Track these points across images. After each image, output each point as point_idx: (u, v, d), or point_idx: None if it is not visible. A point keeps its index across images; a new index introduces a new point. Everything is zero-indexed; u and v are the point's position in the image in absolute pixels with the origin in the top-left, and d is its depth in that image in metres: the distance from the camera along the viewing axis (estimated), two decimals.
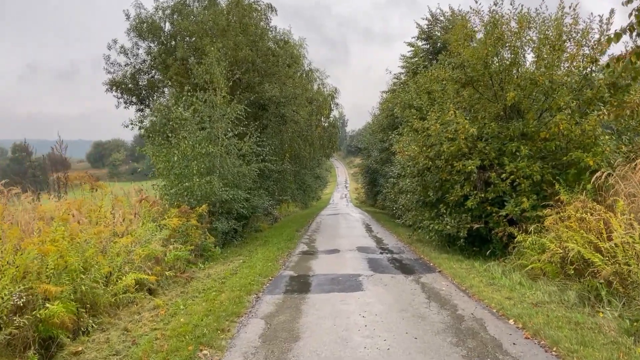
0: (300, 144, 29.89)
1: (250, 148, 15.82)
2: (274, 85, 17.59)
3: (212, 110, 14.68)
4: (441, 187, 12.29)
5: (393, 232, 18.33)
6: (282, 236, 17.63)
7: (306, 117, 28.74)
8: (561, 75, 11.04)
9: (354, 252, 13.20)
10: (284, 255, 12.75)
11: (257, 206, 17.05)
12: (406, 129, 13.56)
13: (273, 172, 20.12)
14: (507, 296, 7.42)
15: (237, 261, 11.89)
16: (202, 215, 12.41)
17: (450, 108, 11.28)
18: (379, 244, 15.02)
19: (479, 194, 11.17)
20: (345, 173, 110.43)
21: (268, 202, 21.68)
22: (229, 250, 14.16)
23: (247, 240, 16.70)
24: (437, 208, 12.86)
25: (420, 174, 12.95)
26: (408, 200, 14.08)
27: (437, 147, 11.68)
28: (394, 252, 13.23)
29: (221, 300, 7.38)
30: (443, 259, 11.29)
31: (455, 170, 11.30)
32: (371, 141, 33.14)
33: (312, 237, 17.52)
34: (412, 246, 14.09)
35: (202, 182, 12.86)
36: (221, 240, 14.11)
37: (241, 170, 15.47)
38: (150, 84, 20.09)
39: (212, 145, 14.07)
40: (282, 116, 18.97)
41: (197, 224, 11.67)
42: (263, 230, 20.07)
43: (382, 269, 10.45)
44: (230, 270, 10.45)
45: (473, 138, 11.15)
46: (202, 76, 15.04)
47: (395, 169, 18.75)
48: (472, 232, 11.57)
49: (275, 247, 14.37)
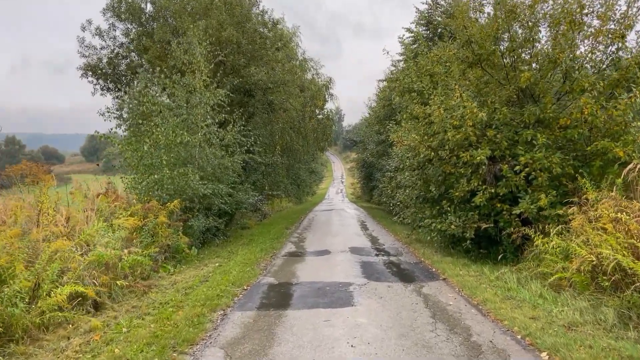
0: (292, 136, 28.37)
1: (234, 138, 14.35)
2: (260, 69, 16.06)
3: (190, 95, 13.20)
4: (444, 181, 10.89)
5: (390, 231, 16.92)
6: (269, 234, 16.20)
7: (299, 107, 27.25)
8: (584, 53, 9.62)
9: (346, 253, 11.78)
10: (267, 258, 11.32)
11: (242, 202, 15.60)
12: (405, 115, 12.11)
13: (261, 165, 18.65)
14: (531, 315, 6.02)
15: (213, 264, 10.45)
16: (173, 212, 10.95)
17: (456, 90, 9.82)
18: (374, 244, 13.61)
19: (489, 189, 9.76)
20: (341, 168, 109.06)
21: (255, 197, 20.24)
22: (207, 251, 12.72)
23: (231, 239, 15.26)
24: (439, 205, 11.47)
25: (421, 166, 11.52)
26: (407, 196, 12.66)
27: (441, 135, 10.25)
28: (390, 254, 11.82)
29: (176, 320, 5.94)
30: (446, 263, 9.89)
31: (461, 162, 9.89)
32: (367, 133, 31.69)
33: (302, 236, 16.09)
34: (410, 247, 12.68)
35: (174, 175, 11.38)
36: (198, 240, 12.67)
37: (223, 162, 14.01)
38: (129, 69, 18.53)
39: (189, 134, 12.59)
40: (270, 103, 17.46)
41: (167, 222, 10.20)
42: (250, 227, 18.63)
43: (377, 275, 9.03)
44: (201, 276, 9.01)
45: (482, 125, 9.73)
46: (181, 57, 13.54)
47: (393, 162, 17.32)
48: (479, 233, 10.20)
49: (259, 247, 12.93)
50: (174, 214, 11.13)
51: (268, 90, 16.89)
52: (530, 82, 9.52)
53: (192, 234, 12.09)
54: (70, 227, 7.63)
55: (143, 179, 11.54)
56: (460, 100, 9.61)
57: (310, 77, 33.74)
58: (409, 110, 12.05)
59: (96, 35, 17.61)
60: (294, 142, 30.52)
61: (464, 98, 9.57)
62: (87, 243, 7.59)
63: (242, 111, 14.47)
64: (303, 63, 31.65)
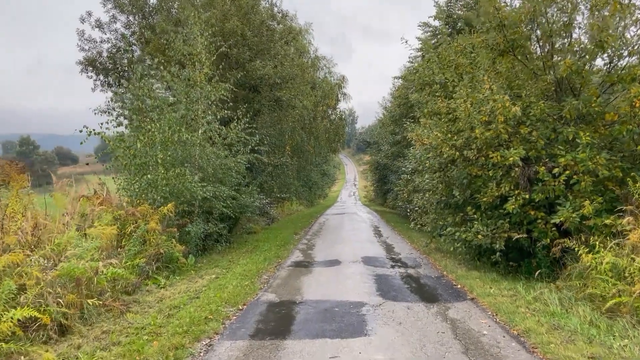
0: (303, 136, 27.27)
1: (238, 136, 13.28)
2: (267, 62, 14.98)
3: (190, 89, 12.16)
4: (470, 184, 9.68)
5: (405, 237, 15.70)
6: (275, 240, 15.10)
7: (310, 106, 26.15)
8: (633, 38, 8.35)
9: (358, 264, 10.62)
10: (271, 268, 10.21)
11: (246, 205, 14.52)
12: (425, 112, 10.91)
13: (268, 166, 17.57)
14: (590, 354, 4.79)
15: (209, 276, 9.38)
16: (166, 217, 9.90)
17: (485, 81, 8.61)
18: (389, 253, 12.42)
19: (522, 195, 8.52)
20: (354, 170, 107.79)
21: (263, 200, 19.18)
22: (207, 259, 11.66)
23: (234, 246, 14.19)
24: (462, 211, 10.28)
25: (443, 168, 10.32)
26: (426, 200, 11.46)
27: (467, 133, 9.05)
28: (408, 265, 10.62)
29: (148, 354, 4.83)
30: (473, 279, 8.68)
31: (491, 164, 8.68)
32: (381, 134, 30.46)
33: (311, 242, 14.96)
34: (430, 257, 11.46)
35: (169, 175, 10.34)
36: (197, 247, 11.62)
37: (225, 162, 12.95)
38: (130, 64, 17.60)
39: (188, 131, 11.55)
40: (277, 100, 16.35)
41: (158, 228, 9.15)
42: (256, 232, 17.55)
43: (394, 293, 7.85)
44: (193, 291, 7.93)
45: (515, 121, 8.50)
46: (180, 48, 12.52)
47: (409, 163, 16.10)
48: (509, 243, 8.98)
49: (263, 255, 11.83)
50: (168, 219, 10.08)
51: (275, 86, 15.82)
52: (572, 71, 8.26)
53: (190, 240, 11.04)
54: (38, 235, 6.60)
55: (136, 179, 10.51)
56: (490, 93, 8.40)
57: (323, 76, 32.67)
58: (429, 105, 10.85)
59: (96, 27, 16.70)
60: (305, 143, 29.40)
61: (494, 90, 8.35)
62: (58, 254, 6.55)
63: (246, 107, 13.38)
64: (315, 61, 30.62)
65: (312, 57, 30.14)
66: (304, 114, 20.38)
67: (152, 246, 9.01)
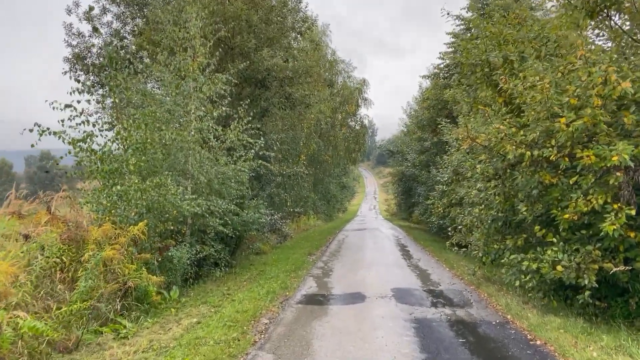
0: (320, 144, 24.91)
1: (238, 138, 10.99)
2: (276, 52, 12.69)
3: (181, 81, 9.97)
4: (541, 196, 7.14)
5: (442, 261, 13.08)
6: (285, 264, 12.70)
7: (328, 112, 23.90)
8: None
9: (388, 301, 8.12)
10: (273, 307, 7.79)
11: (251, 222, 12.16)
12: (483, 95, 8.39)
13: (277, 176, 15.25)
14: None
15: (190, 319, 7.02)
16: (138, 240, 7.59)
17: (579, 47, 6.09)
18: (425, 283, 9.87)
19: (625, 210, 5.98)
20: (374, 183, 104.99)
21: (273, 215, 16.82)
22: (197, 291, 9.32)
23: (236, 270, 11.84)
24: (527, 232, 7.76)
25: (501, 174, 7.80)
26: (475, 217, 8.90)
27: (541, 125, 6.54)
28: (454, 302, 8.07)
29: None
30: (555, 329, 6.14)
31: (579, 166, 6.16)
32: (406, 142, 27.91)
33: (328, 267, 12.49)
34: (480, 291, 8.89)
35: (146, 186, 8.05)
36: (184, 276, 9.31)
37: (223, 170, 10.65)
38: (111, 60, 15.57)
39: (175, 130, 9.32)
40: (288, 97, 14.00)
41: (118, 257, 6.83)
42: (265, 253, 15.16)
43: (447, 356, 5.33)
44: (156, 350, 5.56)
45: (617, 105, 5.98)
46: (171, 33, 10.37)
47: (445, 171, 13.58)
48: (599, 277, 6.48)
49: (267, 286, 9.44)
50: (141, 242, 7.78)
51: (286, 81, 13.52)
52: None
53: (173, 268, 8.71)
54: None
55: (104, 191, 8.25)
56: (583, 63, 5.88)
57: (341, 81, 30.44)
58: (480, 93, 8.38)
59: (85, 20, 14.72)
60: (322, 152, 27.02)
61: (589, 60, 5.84)
62: None
63: (248, 103, 11.06)
64: (333, 64, 28.45)
65: (330, 60, 27.99)
66: (320, 118, 18.08)
67: (116, 279, 6.70)
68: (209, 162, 10.32)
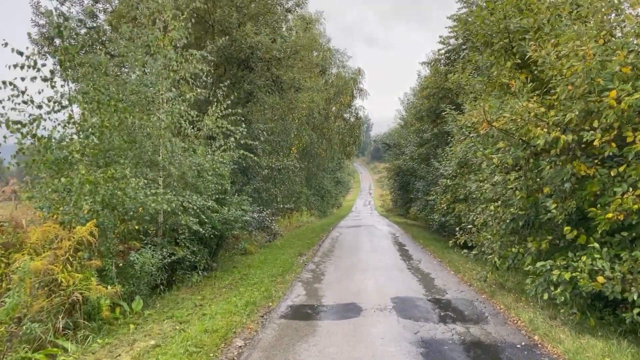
0: (313, 137, 23.64)
1: (218, 126, 9.68)
2: (261, 29, 11.31)
3: (148, 58, 8.64)
4: (574, 191, 5.90)
5: (445, 263, 11.86)
6: (273, 265, 11.44)
7: (321, 103, 22.64)
8: None
9: (388, 315, 6.88)
10: (252, 322, 6.54)
11: (234, 220, 10.86)
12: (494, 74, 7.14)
13: (264, 169, 13.95)
14: None
15: (147, 341, 5.75)
16: (89, 243, 6.29)
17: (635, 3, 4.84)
18: (429, 291, 8.63)
19: None
20: (369, 179, 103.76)
21: (262, 212, 15.55)
22: (167, 300, 8.05)
23: (216, 274, 10.57)
24: (553, 234, 6.56)
25: (523, 165, 6.55)
26: (490, 215, 7.65)
27: (581, 103, 5.29)
28: (466, 316, 6.84)
29: None
30: (598, 357, 4.89)
31: (632, 155, 4.95)
32: (404, 135, 26.62)
33: (319, 269, 11.24)
34: (496, 301, 7.65)
35: (98, 178, 6.74)
36: (152, 283, 8.03)
37: (199, 161, 9.35)
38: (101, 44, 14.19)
39: (138, 114, 8.00)
40: (275, 80, 12.62)
41: (48, 268, 5.54)
42: (251, 253, 13.88)
43: None
44: None
45: None
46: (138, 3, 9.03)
47: (449, 165, 12.33)
48: None
49: (247, 294, 8.20)
50: (92, 247, 6.48)
51: (273, 62, 12.16)
52: None
53: (134, 276, 7.42)
54: None
55: (51, 184, 6.92)
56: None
57: (336, 71, 29.17)
58: (493, 72, 7.11)
59: None
60: (315, 145, 25.76)
61: None
62: None
63: (229, 85, 9.70)
64: (327, 54, 27.16)
65: (324, 49, 26.68)
66: (312, 107, 16.74)
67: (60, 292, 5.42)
68: (182, 152, 9.00)
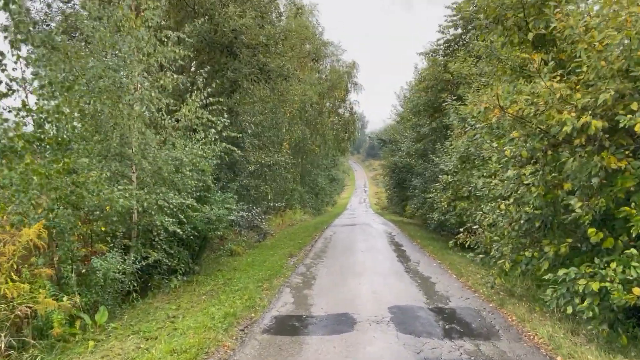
0: (306, 132, 22.77)
1: (197, 116, 8.78)
2: (246, 12, 10.37)
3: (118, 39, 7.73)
4: (602, 187, 5.07)
5: (446, 265, 11.04)
6: (261, 268, 10.60)
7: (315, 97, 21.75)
8: None
9: (385, 328, 6.04)
10: (230, 338, 5.69)
11: (217, 219, 9.99)
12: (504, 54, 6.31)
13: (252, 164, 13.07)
14: None
15: None
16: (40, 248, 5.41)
17: None
18: (431, 299, 7.80)
19: None
20: (364, 176, 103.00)
21: (252, 210, 14.69)
22: (135, 311, 7.18)
23: (199, 278, 9.71)
24: (574, 237, 5.75)
25: (541, 157, 5.71)
26: (501, 216, 6.81)
27: (620, 80, 4.45)
28: (473, 330, 6.01)
29: None
30: None
31: None
32: (400, 130, 25.78)
33: (310, 273, 10.40)
34: (504, 310, 6.83)
35: (48, 170, 5.83)
36: (119, 292, 7.15)
37: (176, 155, 8.46)
38: None
39: (100, 100, 7.08)
40: (262, 68, 11.67)
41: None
42: (239, 254, 13.01)
43: None
44: None
45: None
46: None
47: (449, 159, 11.49)
48: None
49: (228, 303, 7.34)
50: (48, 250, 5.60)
51: (260, 49, 11.23)
52: None
53: (98, 284, 6.54)
54: None
55: None
56: None
57: (330, 65, 28.29)
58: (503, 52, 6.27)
59: None
60: (309, 141, 24.89)
61: None
62: None
63: (209, 71, 8.80)
64: (320, 47, 26.24)
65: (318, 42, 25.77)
66: (304, 100, 15.84)
67: None
68: (157, 145, 8.11)
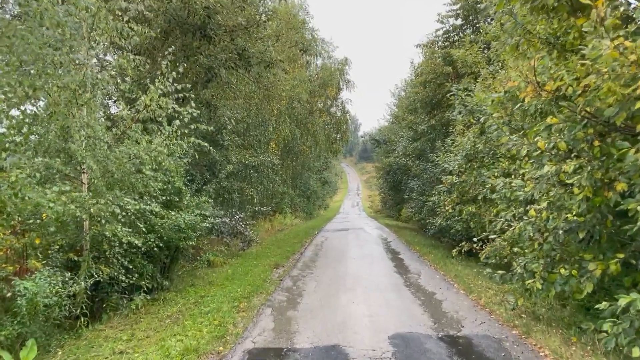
0: (295, 132, 21.43)
1: (160, 106, 7.43)
2: None
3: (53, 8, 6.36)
4: None
5: (448, 275, 9.75)
6: (240, 283, 9.26)
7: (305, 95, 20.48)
8: None
9: None
10: None
11: (188, 227, 8.62)
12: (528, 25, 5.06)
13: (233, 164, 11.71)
14: None
15: None
16: None
17: None
18: (438, 321, 6.49)
19: None
20: (357, 179, 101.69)
21: (235, 216, 13.34)
22: (79, 342, 5.80)
23: (168, 295, 8.35)
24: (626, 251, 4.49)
25: (585, 150, 4.44)
26: (531, 224, 5.51)
27: None
28: None
29: None
30: None
31: None
32: (394, 130, 24.52)
33: (297, 288, 9.06)
34: (533, 341, 5.53)
35: None
36: (54, 322, 5.78)
37: (134, 151, 7.10)
38: None
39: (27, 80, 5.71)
40: (241, 54, 10.29)
41: None
42: (217, 265, 11.63)
43: None
44: None
45: None
46: None
47: (454, 157, 10.22)
48: None
49: (192, 332, 6.01)
50: None
51: (239, 32, 9.88)
52: None
53: (20, 312, 5.17)
54: None
55: None
56: None
57: (321, 63, 27.01)
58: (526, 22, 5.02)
59: None
60: (299, 142, 23.56)
61: None
62: None
63: (175, 52, 7.45)
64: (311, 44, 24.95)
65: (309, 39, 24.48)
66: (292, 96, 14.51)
67: None
68: (110, 140, 6.75)
